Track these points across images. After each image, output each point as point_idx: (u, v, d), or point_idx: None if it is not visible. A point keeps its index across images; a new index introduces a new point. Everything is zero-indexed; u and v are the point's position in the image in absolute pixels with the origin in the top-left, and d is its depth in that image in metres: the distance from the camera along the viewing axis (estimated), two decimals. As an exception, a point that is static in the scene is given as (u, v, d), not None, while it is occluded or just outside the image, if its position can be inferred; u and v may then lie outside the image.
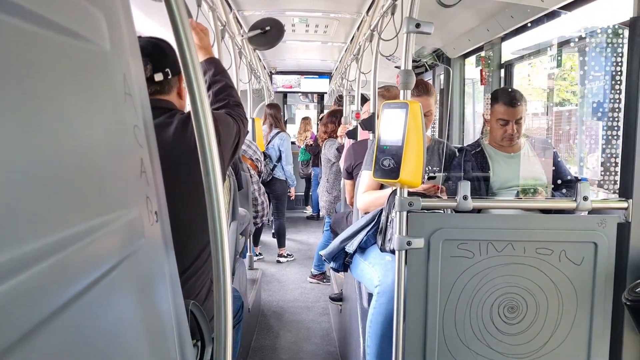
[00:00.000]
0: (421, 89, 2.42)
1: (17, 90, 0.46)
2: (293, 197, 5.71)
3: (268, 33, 3.05)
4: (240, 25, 4.04)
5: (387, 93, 3.15)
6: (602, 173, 1.90)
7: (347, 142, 3.96)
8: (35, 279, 0.45)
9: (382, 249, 2.17)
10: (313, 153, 7.01)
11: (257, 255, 5.70)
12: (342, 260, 2.43)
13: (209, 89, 1.77)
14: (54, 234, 0.50)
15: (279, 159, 5.27)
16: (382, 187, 2.42)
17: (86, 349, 0.54)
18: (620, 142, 1.79)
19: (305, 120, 7.87)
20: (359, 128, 3.58)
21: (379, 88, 3.19)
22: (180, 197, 1.49)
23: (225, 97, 1.77)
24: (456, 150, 2.64)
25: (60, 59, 0.56)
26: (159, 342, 0.77)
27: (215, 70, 1.81)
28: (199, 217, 1.56)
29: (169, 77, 1.58)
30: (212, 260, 1.63)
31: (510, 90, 2.52)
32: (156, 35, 1.64)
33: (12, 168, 0.44)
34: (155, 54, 1.56)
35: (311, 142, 7.10)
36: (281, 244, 5.68)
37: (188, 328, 0.92)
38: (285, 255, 5.70)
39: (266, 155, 5.17)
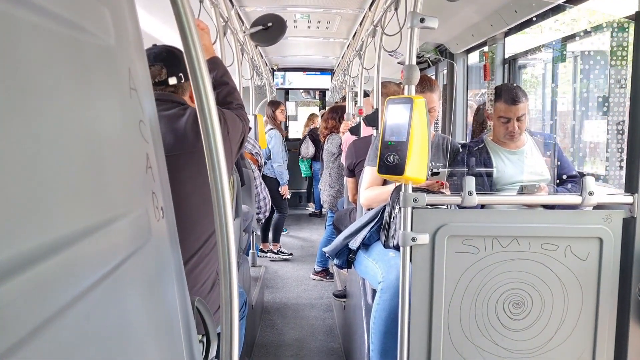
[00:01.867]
0: (425, 85, 2.41)
1: (22, 84, 0.46)
2: (286, 196, 5.34)
3: (270, 29, 3.04)
4: (242, 22, 4.04)
5: (384, 89, 3.14)
6: (607, 168, 1.89)
7: (348, 139, 3.95)
8: (44, 275, 0.45)
9: (386, 245, 2.17)
10: (311, 138, 7.00)
11: (267, 252, 5.52)
12: (346, 257, 2.42)
13: (214, 89, 1.81)
14: (62, 230, 0.50)
15: (269, 157, 5.26)
16: (385, 183, 2.41)
17: (95, 343, 0.54)
18: (625, 136, 1.78)
19: (311, 116, 7.86)
20: (362, 124, 3.57)
21: None
22: (191, 182, 1.57)
23: (231, 100, 1.86)
24: (460, 146, 2.64)
25: (65, 53, 0.56)
26: (167, 338, 0.77)
27: (219, 71, 1.89)
28: (207, 203, 1.58)
29: (182, 81, 1.68)
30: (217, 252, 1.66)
31: (511, 87, 2.50)
32: (169, 43, 1.74)
33: (19, 164, 0.44)
34: (170, 60, 1.67)
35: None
36: (275, 239, 5.54)
37: (194, 324, 0.92)
38: (277, 252, 5.52)
39: None
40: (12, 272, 0.41)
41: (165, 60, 1.66)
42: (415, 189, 1.75)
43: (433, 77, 4.71)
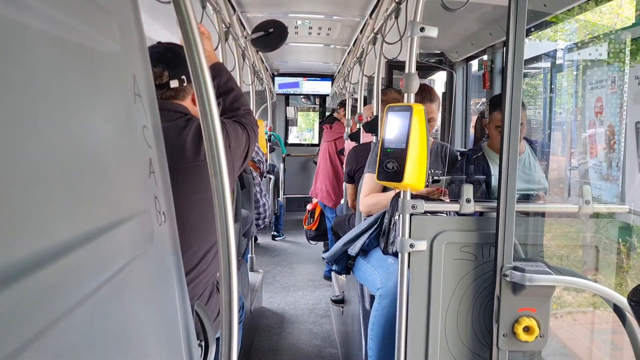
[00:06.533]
0: (425, 95, 2.42)
1: (32, 90, 0.47)
2: None
3: (271, 35, 3.05)
4: (244, 27, 4.05)
5: (384, 96, 3.16)
6: (605, 177, 1.91)
7: (349, 145, 3.97)
8: (50, 278, 0.46)
9: (385, 252, 2.18)
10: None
11: None
12: (345, 262, 2.43)
13: (219, 95, 1.79)
14: (67, 234, 0.51)
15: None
16: (384, 189, 2.42)
17: (98, 346, 0.55)
18: (622, 147, 1.80)
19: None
20: (362, 130, 3.59)
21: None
22: (189, 197, 1.53)
23: (239, 106, 1.80)
24: (458, 154, 2.65)
25: (73, 60, 0.57)
26: (167, 341, 0.78)
27: (223, 77, 1.83)
28: (206, 218, 1.58)
29: (185, 84, 1.62)
30: (216, 262, 1.66)
31: None
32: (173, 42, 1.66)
33: (25, 168, 0.45)
34: (174, 61, 1.60)
35: None
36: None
37: (194, 328, 0.93)
38: None
39: None
40: (19, 275, 0.42)
41: (169, 62, 1.59)
42: (414, 196, 1.76)
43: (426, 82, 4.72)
